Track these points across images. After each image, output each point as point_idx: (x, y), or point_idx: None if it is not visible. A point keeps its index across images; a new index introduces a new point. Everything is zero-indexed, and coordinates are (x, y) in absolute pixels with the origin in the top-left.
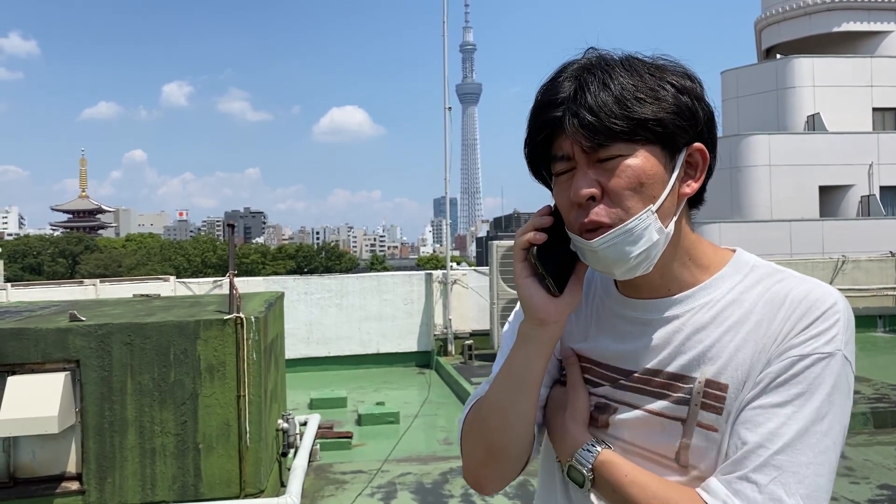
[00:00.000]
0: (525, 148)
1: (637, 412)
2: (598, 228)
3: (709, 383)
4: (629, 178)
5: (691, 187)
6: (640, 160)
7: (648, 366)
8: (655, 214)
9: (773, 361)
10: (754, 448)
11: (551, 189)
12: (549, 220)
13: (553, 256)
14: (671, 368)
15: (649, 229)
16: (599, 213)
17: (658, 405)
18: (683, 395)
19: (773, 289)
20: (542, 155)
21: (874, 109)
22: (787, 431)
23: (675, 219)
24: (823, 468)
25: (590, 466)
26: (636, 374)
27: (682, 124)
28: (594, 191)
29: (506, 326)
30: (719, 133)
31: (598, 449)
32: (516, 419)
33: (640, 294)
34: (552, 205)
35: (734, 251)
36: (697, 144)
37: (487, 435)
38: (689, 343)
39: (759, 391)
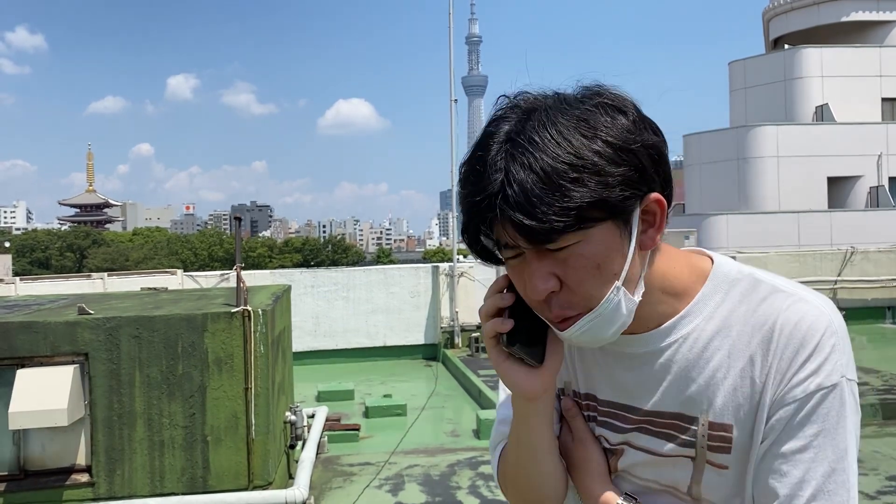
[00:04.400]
0: (463, 234)
1: (645, 455)
2: (567, 318)
3: (712, 426)
4: (585, 267)
5: (653, 238)
6: (591, 245)
7: (646, 407)
8: (623, 289)
9: (778, 404)
10: (786, 501)
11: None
12: (511, 297)
13: (524, 333)
14: (670, 409)
15: (619, 307)
16: (564, 305)
17: (665, 447)
18: (688, 438)
19: (758, 311)
20: (483, 241)
21: (883, 99)
22: (814, 476)
23: (643, 274)
24: (854, 500)
25: None
26: (635, 416)
27: (629, 192)
28: (551, 286)
29: (500, 395)
30: (727, 124)
31: None
32: (542, 480)
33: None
34: (507, 275)
35: (711, 260)
36: (652, 195)
37: (520, 493)
38: (682, 381)
39: (774, 438)
